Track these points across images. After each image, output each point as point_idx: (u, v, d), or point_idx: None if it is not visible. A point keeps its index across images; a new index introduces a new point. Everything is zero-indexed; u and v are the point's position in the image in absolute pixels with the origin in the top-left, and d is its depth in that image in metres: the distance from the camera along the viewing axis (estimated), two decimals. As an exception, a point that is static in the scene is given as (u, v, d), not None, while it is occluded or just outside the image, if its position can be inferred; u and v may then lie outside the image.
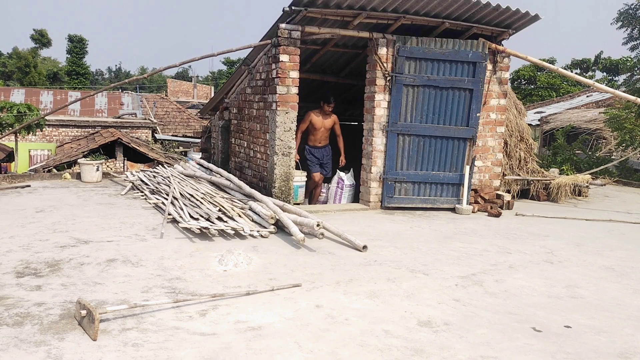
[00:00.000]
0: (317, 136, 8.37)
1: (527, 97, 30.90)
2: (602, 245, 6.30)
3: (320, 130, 8.32)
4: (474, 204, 8.17)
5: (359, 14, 7.36)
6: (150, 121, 24.01)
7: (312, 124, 8.28)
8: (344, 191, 8.58)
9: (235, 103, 9.72)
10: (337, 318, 3.80)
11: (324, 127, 8.33)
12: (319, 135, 8.36)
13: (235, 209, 6.63)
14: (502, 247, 5.99)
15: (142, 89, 45.06)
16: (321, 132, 8.34)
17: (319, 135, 8.35)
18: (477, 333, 3.62)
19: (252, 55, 8.64)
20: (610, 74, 34.02)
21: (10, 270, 4.60)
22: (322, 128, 8.32)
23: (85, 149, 18.78)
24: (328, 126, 8.37)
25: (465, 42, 7.76)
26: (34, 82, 44.95)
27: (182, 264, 4.93)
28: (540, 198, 9.31)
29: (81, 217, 6.76)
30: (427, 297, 4.28)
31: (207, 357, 3.16)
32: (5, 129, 15.11)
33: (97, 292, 4.14)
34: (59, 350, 3.16)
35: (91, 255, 5.11)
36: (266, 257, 5.22)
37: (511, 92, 9.49)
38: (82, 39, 46.61)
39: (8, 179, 9.49)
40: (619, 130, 13.86)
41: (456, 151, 7.99)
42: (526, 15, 7.88)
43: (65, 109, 22.22)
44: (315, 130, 8.31)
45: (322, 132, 8.35)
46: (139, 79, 12.77)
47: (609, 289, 4.67)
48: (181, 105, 30.09)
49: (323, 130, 8.34)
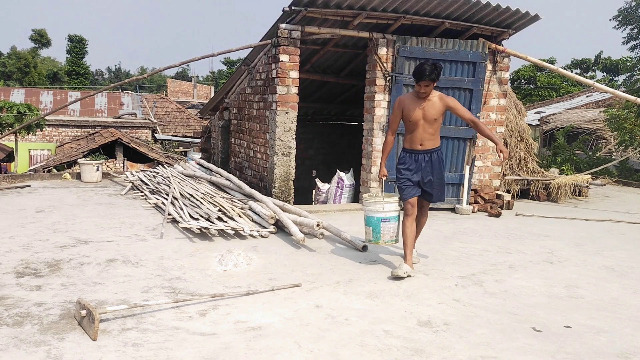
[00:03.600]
0: (415, 133, 5.02)
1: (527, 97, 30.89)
2: (602, 245, 6.29)
3: (419, 123, 4.96)
4: (474, 204, 8.17)
5: (359, 14, 7.36)
6: (150, 121, 24.02)
7: (404, 114, 5.03)
8: (344, 191, 8.57)
9: (235, 103, 9.72)
10: (337, 318, 3.80)
11: (424, 117, 4.95)
12: (419, 132, 5.00)
13: (235, 209, 6.63)
14: (502, 247, 5.99)
15: (142, 89, 45.08)
16: (421, 125, 4.97)
17: (419, 131, 5.00)
18: (477, 333, 3.62)
19: (252, 55, 8.65)
20: (610, 74, 34.01)
21: (10, 270, 4.60)
22: (422, 120, 4.95)
23: (85, 149, 18.79)
24: (433, 115, 4.94)
25: (465, 42, 7.77)
26: (34, 82, 44.94)
27: (182, 264, 4.93)
28: (540, 198, 9.31)
29: (81, 217, 6.76)
30: (427, 297, 4.28)
31: (207, 357, 3.16)
32: (5, 129, 15.12)
33: (97, 292, 4.14)
34: (59, 350, 3.16)
35: (91, 255, 5.10)
36: (266, 257, 5.22)
37: (511, 92, 9.49)
38: (82, 39, 46.60)
39: (8, 179, 9.49)
40: (619, 130, 13.86)
41: (456, 151, 7.99)
42: (526, 15, 7.88)
43: (65, 109, 22.22)
44: (411, 124, 5.01)
45: (423, 127, 4.98)
46: (139, 79, 12.77)
47: (609, 289, 4.67)
48: (181, 105, 30.10)
49: (423, 123, 4.96)
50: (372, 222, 5.02)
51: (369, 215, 5.03)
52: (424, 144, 5.00)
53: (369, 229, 5.04)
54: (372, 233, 5.03)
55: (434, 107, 4.92)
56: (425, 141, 5.00)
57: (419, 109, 4.93)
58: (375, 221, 5.00)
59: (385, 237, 5.01)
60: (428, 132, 4.98)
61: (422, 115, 4.94)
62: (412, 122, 4.97)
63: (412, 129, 5.00)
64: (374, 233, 5.02)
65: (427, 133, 4.98)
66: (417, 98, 4.94)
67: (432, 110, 4.92)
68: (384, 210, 4.99)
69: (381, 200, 5.03)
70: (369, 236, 5.06)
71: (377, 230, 5.00)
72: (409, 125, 5.01)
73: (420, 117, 4.95)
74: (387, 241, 5.03)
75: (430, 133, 4.99)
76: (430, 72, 4.75)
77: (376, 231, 5.01)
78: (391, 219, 5.00)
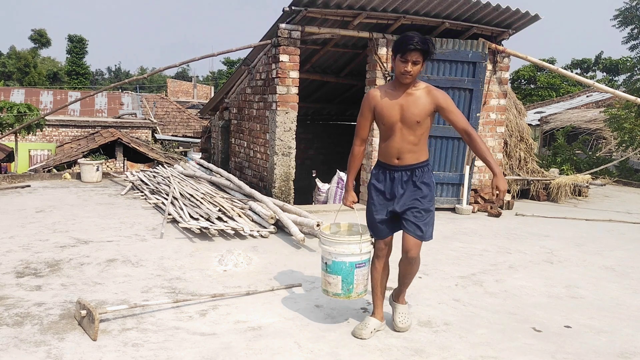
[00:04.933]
0: (390, 142, 3.44)
1: (527, 97, 30.88)
2: (602, 245, 6.29)
3: (395, 127, 3.39)
4: (474, 204, 8.17)
5: (359, 14, 7.36)
6: (150, 121, 24.01)
7: (376, 113, 3.45)
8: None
9: (235, 103, 9.72)
10: (337, 318, 3.80)
11: (402, 119, 3.37)
12: (395, 140, 3.41)
13: (235, 209, 6.63)
14: (502, 247, 5.99)
15: (142, 89, 45.07)
16: (397, 130, 3.39)
17: (395, 139, 3.41)
18: (477, 333, 3.62)
19: (252, 56, 8.65)
20: (611, 74, 34.02)
21: (10, 270, 4.60)
22: (398, 123, 3.38)
23: (85, 149, 18.78)
24: (414, 116, 3.34)
25: (465, 42, 7.77)
26: (34, 82, 44.95)
27: (182, 264, 4.93)
28: (540, 198, 9.31)
29: (81, 217, 6.76)
30: (427, 297, 4.27)
31: (207, 357, 3.16)
32: (5, 129, 15.11)
33: (97, 292, 4.14)
34: (59, 350, 3.16)
35: (91, 255, 5.10)
36: (266, 257, 5.22)
37: (511, 92, 9.49)
38: (82, 39, 46.58)
39: (8, 179, 9.49)
40: (619, 130, 13.86)
41: (456, 151, 7.99)
42: (526, 15, 7.88)
43: (65, 109, 22.23)
44: (385, 128, 3.45)
45: (401, 132, 3.39)
46: (139, 79, 12.77)
47: (609, 289, 4.67)
48: (181, 105, 30.09)
49: (401, 127, 3.38)
50: (340, 269, 3.43)
51: (338, 261, 3.43)
52: (402, 158, 3.38)
53: (334, 279, 3.46)
54: (340, 285, 3.45)
55: (418, 104, 3.30)
56: (404, 153, 3.36)
57: (395, 106, 3.32)
58: (347, 268, 3.41)
59: (359, 287, 3.49)
60: (408, 140, 3.34)
61: (400, 116, 3.32)
62: (386, 125, 3.37)
63: (387, 135, 3.41)
64: (344, 284, 3.44)
65: (407, 142, 3.35)
66: (394, 90, 3.35)
67: (413, 109, 3.29)
68: (360, 252, 3.44)
69: (357, 239, 3.43)
70: (335, 289, 3.48)
71: (348, 280, 3.44)
72: (382, 129, 3.44)
73: (396, 119, 3.33)
74: (361, 293, 3.52)
75: (411, 142, 3.34)
76: (421, 41, 3.18)
77: (347, 282, 3.44)
78: (366, 263, 3.50)
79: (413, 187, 3.40)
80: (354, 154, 3.62)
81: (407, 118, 3.33)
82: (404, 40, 3.23)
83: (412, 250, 3.42)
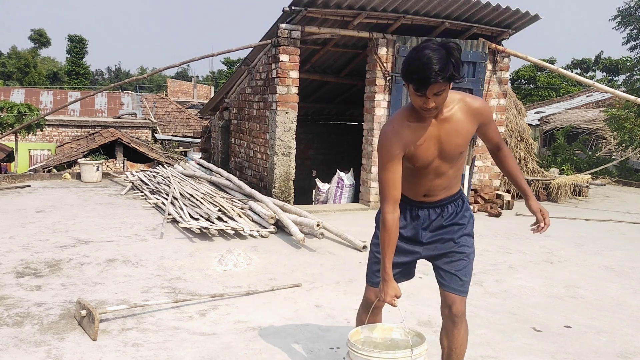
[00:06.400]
0: (422, 180, 2.55)
1: (527, 97, 30.87)
2: (602, 245, 6.29)
3: (431, 165, 2.49)
4: (474, 203, 8.16)
5: (359, 14, 7.36)
6: (150, 121, 24.01)
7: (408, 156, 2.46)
8: (344, 191, 8.57)
9: (235, 103, 9.72)
10: (337, 318, 3.80)
11: (440, 154, 2.47)
12: (428, 178, 2.54)
13: (235, 209, 6.64)
14: (502, 247, 5.99)
15: (142, 89, 45.04)
16: (433, 169, 2.51)
17: (429, 177, 2.54)
18: (477, 333, 3.62)
19: (252, 55, 8.65)
20: (610, 74, 34.02)
21: (10, 270, 4.60)
22: (436, 159, 2.48)
23: (85, 149, 18.77)
24: (458, 147, 2.48)
25: (465, 42, 7.77)
26: (34, 82, 44.93)
27: (182, 264, 4.93)
28: (540, 198, 9.30)
29: (81, 217, 6.75)
30: (427, 297, 4.27)
31: (207, 357, 3.16)
32: (5, 129, 15.11)
33: (97, 292, 4.14)
34: (59, 350, 3.16)
35: (91, 255, 5.10)
36: (266, 257, 5.22)
37: (511, 92, 9.50)
38: (82, 39, 46.56)
39: (8, 179, 9.49)
40: (619, 130, 13.86)
41: (456, 151, 7.98)
42: (526, 15, 7.89)
43: (65, 109, 22.22)
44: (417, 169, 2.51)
45: (437, 169, 2.51)
46: (139, 79, 12.77)
47: (609, 289, 4.67)
48: (181, 105, 30.08)
49: (440, 164, 2.50)
50: None
51: None
52: (433, 194, 2.59)
53: None
54: None
55: (460, 130, 2.45)
56: (437, 191, 2.58)
57: (431, 141, 2.44)
58: None
59: None
60: (446, 175, 2.55)
61: (438, 153, 2.47)
62: (418, 166, 2.49)
63: (415, 173, 2.54)
64: None
65: (443, 177, 2.55)
66: (420, 120, 2.43)
67: (455, 139, 2.46)
68: None
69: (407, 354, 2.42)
70: None
71: None
72: (411, 171, 2.53)
73: (433, 157, 2.48)
74: None
75: (449, 177, 2.57)
76: (443, 67, 2.22)
77: None
78: None
79: (447, 223, 2.60)
80: (387, 226, 2.46)
81: (448, 152, 2.46)
82: (418, 68, 2.24)
83: (455, 305, 2.61)
